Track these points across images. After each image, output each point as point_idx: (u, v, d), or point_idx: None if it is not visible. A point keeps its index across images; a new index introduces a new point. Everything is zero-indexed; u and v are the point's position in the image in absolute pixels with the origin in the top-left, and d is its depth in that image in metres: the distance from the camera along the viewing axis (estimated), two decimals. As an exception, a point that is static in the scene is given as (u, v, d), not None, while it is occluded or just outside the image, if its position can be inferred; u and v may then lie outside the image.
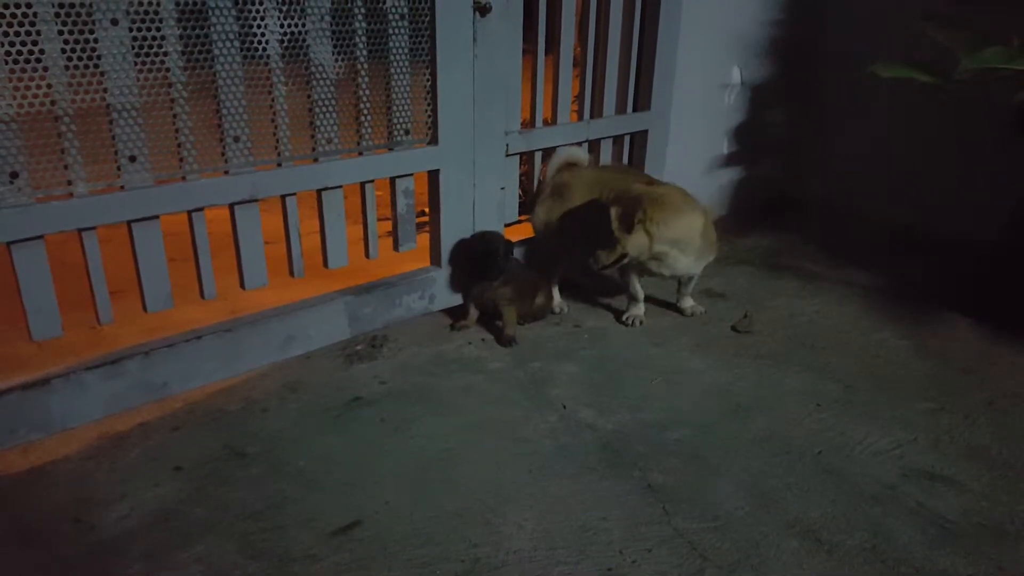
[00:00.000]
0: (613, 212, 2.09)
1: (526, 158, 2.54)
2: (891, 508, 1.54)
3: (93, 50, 1.52)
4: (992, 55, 2.26)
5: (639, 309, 2.37)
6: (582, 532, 1.47)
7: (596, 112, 2.66)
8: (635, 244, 2.11)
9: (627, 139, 2.78)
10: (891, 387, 2.01)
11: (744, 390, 1.99)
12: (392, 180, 2.14)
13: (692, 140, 2.66)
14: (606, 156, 2.73)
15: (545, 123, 2.52)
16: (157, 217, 1.72)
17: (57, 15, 1.47)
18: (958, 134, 3.01)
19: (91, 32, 1.51)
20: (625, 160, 2.80)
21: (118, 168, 1.63)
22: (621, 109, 2.71)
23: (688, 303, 2.44)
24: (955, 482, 1.63)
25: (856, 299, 2.58)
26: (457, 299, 2.38)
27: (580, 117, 2.62)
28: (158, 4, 1.58)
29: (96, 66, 1.53)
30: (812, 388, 2.00)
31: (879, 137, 3.31)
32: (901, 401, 1.94)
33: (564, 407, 1.90)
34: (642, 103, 2.74)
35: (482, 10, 2.10)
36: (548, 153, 2.56)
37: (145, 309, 1.79)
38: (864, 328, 2.36)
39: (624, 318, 2.37)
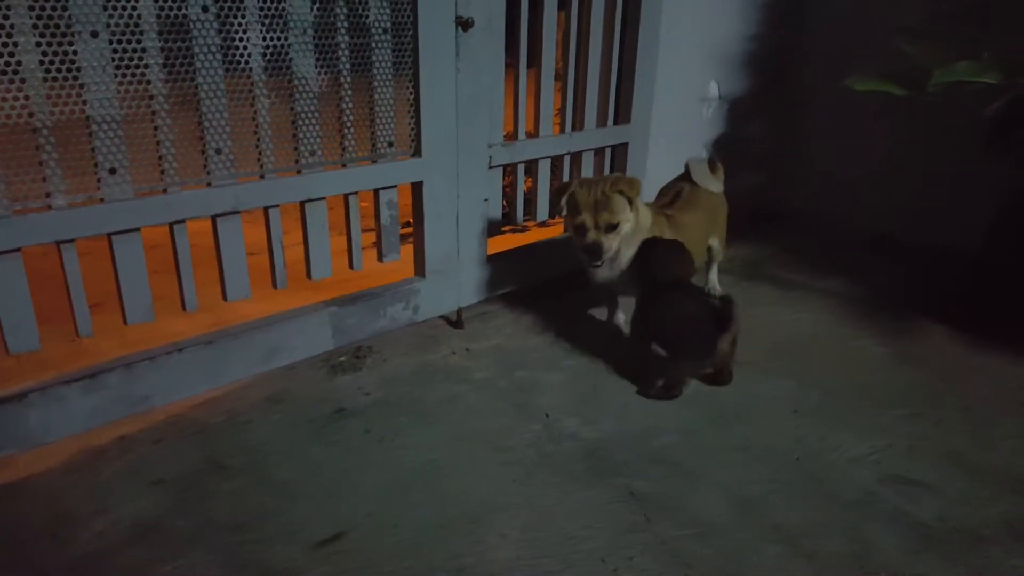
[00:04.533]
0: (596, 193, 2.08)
1: (510, 170, 2.56)
2: (869, 514, 1.56)
3: (72, 62, 1.52)
4: (963, 68, 2.31)
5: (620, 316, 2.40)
6: (566, 541, 1.47)
7: (578, 125, 2.68)
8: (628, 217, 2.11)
9: (608, 151, 2.81)
10: (869, 394, 2.04)
11: (725, 398, 2.01)
12: (376, 192, 2.15)
13: (672, 153, 2.69)
14: (588, 168, 2.76)
15: (528, 136, 2.54)
16: (138, 230, 1.72)
17: (35, 27, 1.46)
18: (934, 145, 3.07)
19: (70, 44, 1.51)
20: (606, 171, 2.83)
21: (98, 180, 1.62)
22: (602, 122, 2.74)
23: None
24: (931, 487, 1.65)
25: (835, 308, 2.61)
26: (442, 307, 2.39)
27: (562, 130, 2.65)
28: (139, 17, 1.58)
29: (76, 78, 1.53)
30: (791, 395, 2.03)
31: (858, 148, 3.37)
32: (878, 408, 1.97)
33: (548, 416, 1.91)
34: (623, 116, 2.78)
35: (464, 25, 2.12)
36: (531, 165, 2.58)
37: (125, 322, 1.78)
38: (842, 336, 2.39)
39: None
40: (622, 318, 2.40)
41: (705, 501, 1.59)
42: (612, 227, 2.08)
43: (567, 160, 2.67)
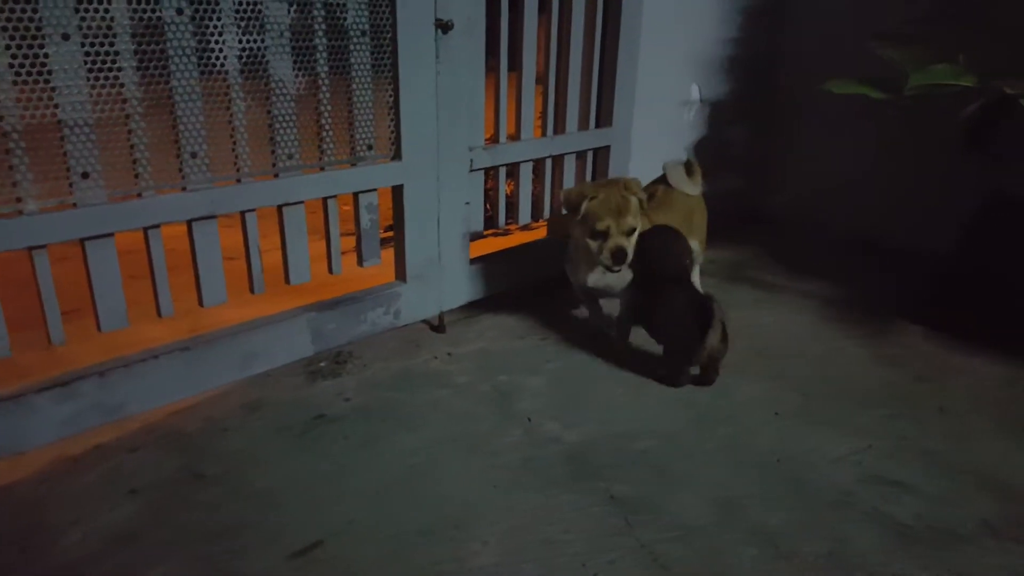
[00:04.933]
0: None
1: (492, 173, 2.56)
2: (848, 514, 1.57)
3: (43, 65, 1.50)
4: (939, 72, 2.33)
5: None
6: (547, 546, 1.47)
7: (559, 128, 2.68)
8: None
9: (590, 155, 2.81)
10: (848, 395, 2.05)
11: (706, 400, 2.02)
12: (355, 195, 2.13)
13: (654, 156, 2.70)
14: (570, 172, 2.76)
15: (509, 139, 2.53)
16: (111, 235, 1.69)
17: (4, 29, 1.44)
18: (911, 148, 3.11)
19: (41, 47, 1.48)
20: (588, 174, 2.83)
21: (70, 185, 1.60)
22: (584, 125, 2.74)
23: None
24: (910, 487, 1.66)
25: (814, 309, 2.63)
26: (424, 311, 2.38)
27: (544, 133, 2.65)
28: (112, 19, 1.56)
29: (47, 81, 1.51)
30: (771, 397, 2.03)
31: (837, 151, 3.40)
32: (857, 408, 1.98)
33: (530, 420, 1.90)
34: (604, 119, 2.78)
35: (444, 27, 2.11)
36: (512, 168, 2.58)
37: (99, 328, 1.75)
38: (821, 337, 2.41)
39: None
40: (605, 318, 2.39)
41: (686, 503, 1.59)
42: (632, 231, 2.11)
43: (549, 163, 2.67)
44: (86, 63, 1.56)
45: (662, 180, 2.50)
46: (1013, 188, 2.41)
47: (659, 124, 3.06)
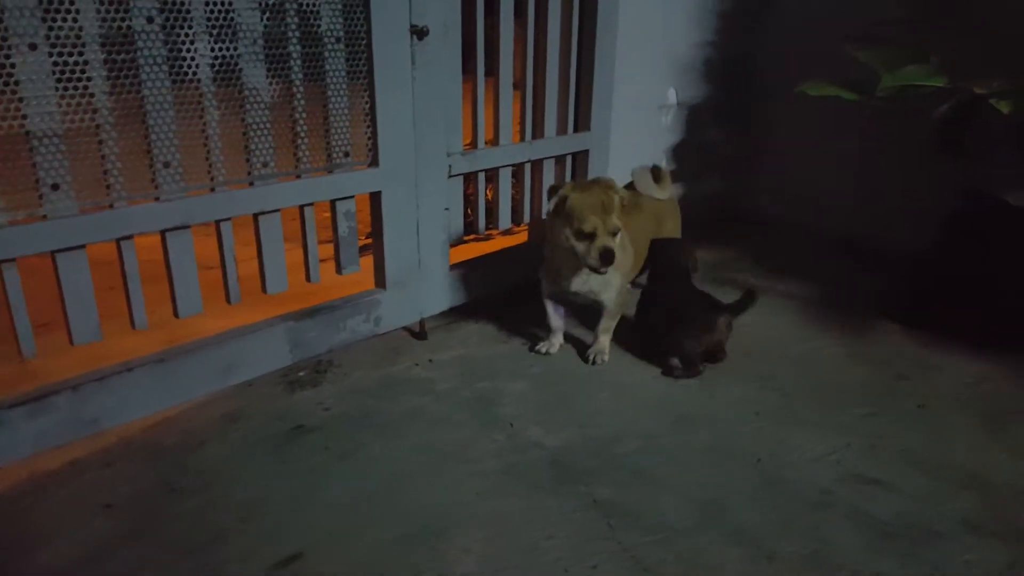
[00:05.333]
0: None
1: (473, 178, 2.55)
2: (829, 514, 1.57)
3: (10, 75, 1.47)
4: (911, 73, 2.36)
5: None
6: (529, 552, 1.46)
7: (538, 133, 2.68)
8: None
9: (569, 159, 2.81)
10: (827, 394, 2.06)
11: (687, 401, 2.02)
12: (332, 203, 2.12)
13: (632, 159, 2.71)
14: (549, 176, 2.76)
15: (488, 144, 2.53)
16: (83, 247, 1.67)
17: (-30, 40, 1.42)
18: (887, 149, 3.14)
19: (7, 57, 1.46)
20: (567, 178, 2.83)
21: (40, 197, 1.57)
22: (562, 130, 2.74)
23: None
24: (889, 485, 1.67)
25: (794, 310, 2.64)
26: (405, 318, 2.37)
27: (522, 138, 2.65)
28: (80, 29, 1.54)
29: (14, 92, 1.48)
30: (752, 397, 2.04)
31: (814, 153, 3.42)
32: (837, 407, 1.99)
33: (512, 425, 1.89)
34: (582, 124, 2.78)
35: (420, 34, 2.11)
36: (492, 173, 2.57)
37: (72, 342, 1.72)
38: (801, 337, 2.42)
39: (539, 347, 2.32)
40: (560, 341, 2.34)
41: (667, 506, 1.59)
42: (617, 231, 2.05)
43: (528, 168, 2.67)
44: (54, 73, 1.54)
45: (630, 186, 2.51)
46: (985, 186, 2.44)
47: (637, 128, 3.07)
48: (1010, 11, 2.67)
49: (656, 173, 2.54)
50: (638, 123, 3.08)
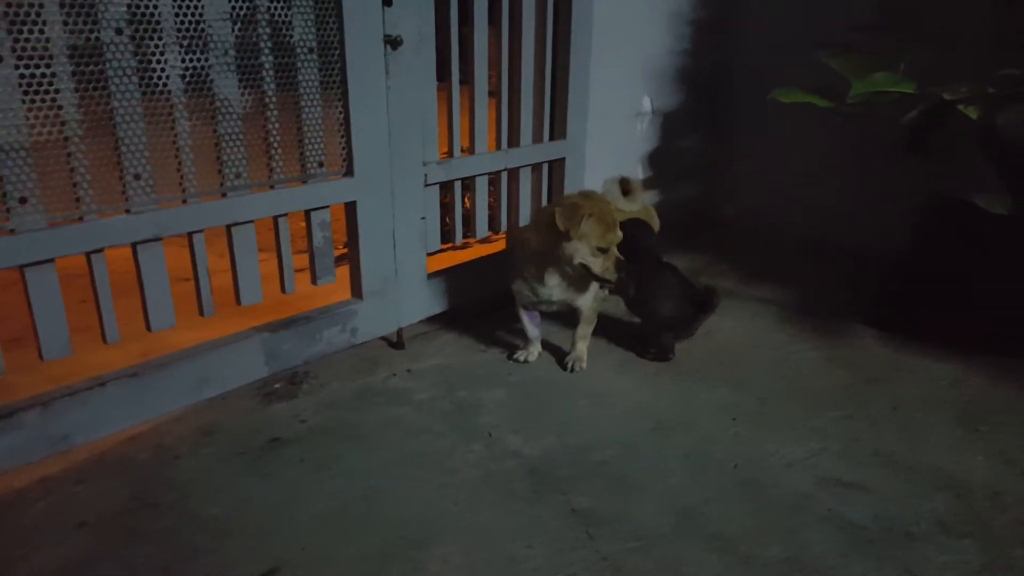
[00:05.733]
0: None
1: (451, 187, 2.54)
2: (806, 517, 1.59)
3: (-25, 89, 1.45)
4: (880, 79, 2.39)
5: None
6: (508, 562, 1.45)
7: (513, 141, 2.69)
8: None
9: (545, 167, 2.82)
10: (803, 398, 2.08)
11: (665, 408, 2.03)
12: (307, 213, 2.11)
13: (608, 166, 2.72)
14: (525, 184, 2.76)
15: (464, 153, 2.53)
16: (52, 261, 1.64)
17: (-67, 53, 1.40)
18: (859, 154, 3.18)
19: (-29, 70, 1.44)
20: (544, 187, 2.84)
21: (7, 210, 1.55)
22: (538, 138, 2.75)
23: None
24: (865, 488, 1.69)
25: (769, 314, 2.66)
26: (382, 328, 2.36)
27: (498, 147, 2.65)
28: (47, 41, 1.52)
29: (-21, 105, 1.46)
30: (729, 402, 2.05)
31: (787, 159, 3.46)
32: (812, 411, 2.01)
33: (490, 435, 1.89)
34: (558, 132, 2.79)
35: (393, 43, 2.10)
36: (467, 182, 2.57)
37: (41, 357, 1.69)
38: (777, 342, 2.44)
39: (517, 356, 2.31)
40: (538, 349, 2.34)
41: (646, 513, 1.59)
42: (619, 242, 2.07)
43: (504, 176, 2.67)
44: (21, 86, 1.52)
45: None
46: (953, 190, 2.48)
47: (613, 135, 3.09)
48: (976, 18, 2.72)
49: (625, 185, 2.56)
50: (614, 131, 3.09)
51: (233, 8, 1.80)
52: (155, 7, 1.67)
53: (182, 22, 1.72)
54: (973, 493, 1.67)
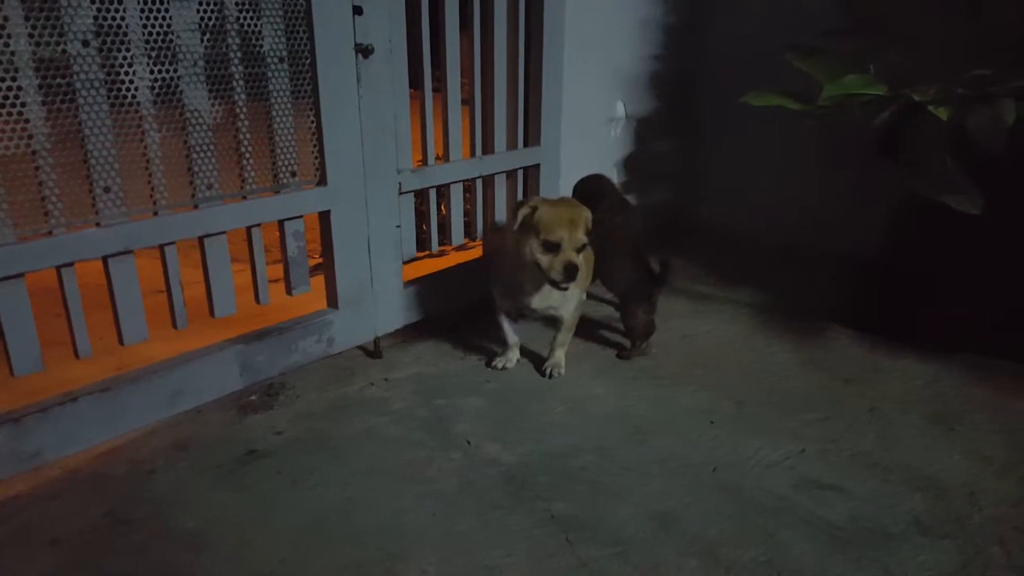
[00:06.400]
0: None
1: (425, 195, 2.54)
2: (784, 520, 1.59)
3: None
4: (851, 82, 2.42)
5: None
6: (487, 571, 1.45)
7: (488, 148, 2.69)
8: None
9: (520, 173, 2.82)
10: (780, 401, 2.10)
11: (643, 413, 2.03)
12: (280, 223, 2.09)
13: (583, 172, 2.73)
14: (500, 191, 2.77)
15: (438, 160, 2.53)
16: (22, 275, 1.62)
17: None
18: (831, 157, 3.21)
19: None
20: (519, 192, 2.84)
21: (-27, 226, 1.52)
22: (512, 145, 2.75)
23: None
24: (842, 489, 1.70)
25: (745, 317, 2.68)
26: (358, 338, 2.34)
27: (472, 154, 2.65)
28: (13, 53, 1.50)
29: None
30: (706, 406, 2.06)
31: (761, 162, 3.49)
32: (790, 413, 2.02)
33: (469, 443, 1.88)
34: (532, 138, 2.80)
35: (364, 52, 2.10)
36: (442, 190, 2.57)
37: (12, 373, 1.67)
38: (753, 345, 2.45)
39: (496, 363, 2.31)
40: (517, 356, 2.34)
41: (625, 518, 1.59)
42: (583, 247, 2.01)
43: (479, 184, 2.67)
44: (-15, 99, 1.49)
45: None
46: (925, 191, 2.51)
47: (587, 141, 3.10)
48: (944, 21, 2.76)
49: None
50: (588, 136, 3.11)
51: (202, 19, 1.79)
52: (122, 19, 1.66)
53: (150, 33, 1.71)
54: (950, 492, 1.69)
